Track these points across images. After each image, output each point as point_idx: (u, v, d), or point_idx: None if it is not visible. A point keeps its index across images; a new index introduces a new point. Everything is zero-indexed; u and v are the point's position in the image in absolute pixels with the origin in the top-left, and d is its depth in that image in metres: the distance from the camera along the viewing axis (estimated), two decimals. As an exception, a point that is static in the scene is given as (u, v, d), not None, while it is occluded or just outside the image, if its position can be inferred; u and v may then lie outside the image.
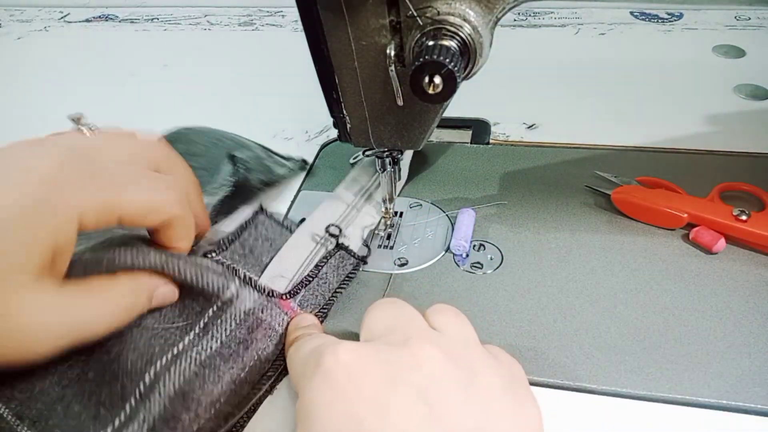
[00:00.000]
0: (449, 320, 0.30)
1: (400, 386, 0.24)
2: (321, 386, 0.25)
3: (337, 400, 0.24)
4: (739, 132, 0.52)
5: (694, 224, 0.41)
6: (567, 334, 0.36)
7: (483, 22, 0.29)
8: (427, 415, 0.23)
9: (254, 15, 0.86)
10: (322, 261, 0.39)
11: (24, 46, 0.83)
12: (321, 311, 0.37)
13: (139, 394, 0.28)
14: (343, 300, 0.39)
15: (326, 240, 0.40)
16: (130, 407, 0.28)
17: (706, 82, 0.60)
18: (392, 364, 0.25)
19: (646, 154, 0.50)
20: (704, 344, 0.34)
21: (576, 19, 0.76)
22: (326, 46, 0.33)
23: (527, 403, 0.27)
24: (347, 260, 0.40)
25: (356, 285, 0.40)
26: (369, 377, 0.25)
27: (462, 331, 0.30)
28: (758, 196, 0.43)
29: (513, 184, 0.48)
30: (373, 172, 0.47)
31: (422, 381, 0.25)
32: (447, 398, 0.24)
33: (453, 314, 0.31)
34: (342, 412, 0.24)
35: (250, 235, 0.40)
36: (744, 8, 0.74)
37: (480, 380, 0.26)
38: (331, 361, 0.25)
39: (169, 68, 0.73)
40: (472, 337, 0.30)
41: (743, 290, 0.37)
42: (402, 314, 0.30)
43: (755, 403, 0.31)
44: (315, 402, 0.24)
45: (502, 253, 0.42)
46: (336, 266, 0.39)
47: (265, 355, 0.34)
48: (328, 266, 0.39)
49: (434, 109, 0.35)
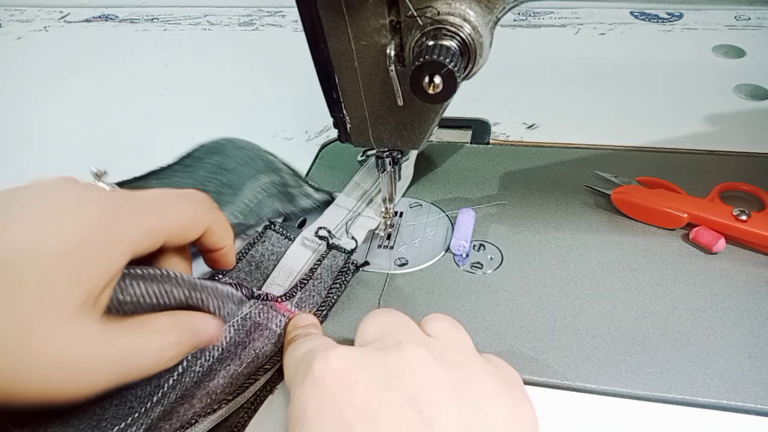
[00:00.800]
0: (444, 326, 0.30)
1: (390, 392, 0.24)
2: (311, 392, 0.25)
3: (327, 407, 0.24)
4: (739, 132, 0.52)
5: (694, 224, 0.41)
6: (567, 334, 0.36)
7: (483, 22, 0.29)
8: (417, 420, 0.23)
9: (254, 15, 0.86)
10: (316, 264, 0.40)
11: (24, 46, 0.83)
12: (319, 310, 0.38)
13: (144, 410, 0.29)
14: (343, 300, 0.39)
15: (319, 245, 0.41)
16: (132, 419, 0.28)
17: (706, 82, 0.60)
18: (382, 369, 0.25)
19: (646, 154, 0.50)
20: (704, 344, 0.34)
21: (576, 19, 0.76)
22: (326, 46, 0.33)
23: (522, 408, 0.26)
24: (339, 257, 0.40)
25: (356, 285, 0.40)
26: (359, 383, 0.24)
27: (456, 337, 0.29)
28: (758, 196, 0.43)
29: (513, 184, 0.48)
30: (376, 175, 0.47)
31: (413, 386, 0.24)
32: (438, 403, 0.24)
33: (448, 321, 0.30)
34: (331, 418, 0.23)
35: (257, 251, 0.42)
36: (744, 8, 0.74)
37: (473, 384, 0.26)
38: (322, 366, 0.25)
39: (169, 68, 0.73)
40: (467, 343, 0.29)
41: (743, 290, 0.37)
42: (396, 321, 0.30)
43: (755, 403, 0.31)
44: (305, 408, 0.24)
45: (502, 253, 0.42)
46: (330, 266, 0.40)
47: (263, 352, 0.34)
48: (322, 267, 0.40)
49: (434, 109, 0.35)
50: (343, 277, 0.39)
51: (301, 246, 0.42)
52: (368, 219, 0.44)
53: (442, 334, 0.29)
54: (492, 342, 0.36)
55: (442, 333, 0.29)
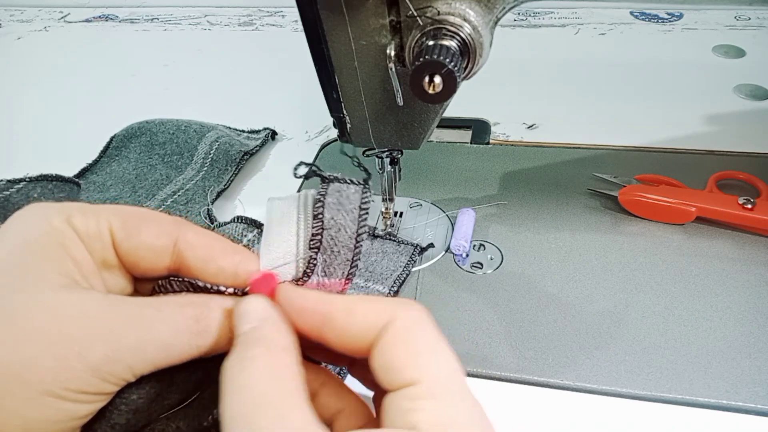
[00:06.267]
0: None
1: None
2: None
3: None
4: (739, 132, 0.52)
5: (702, 217, 0.41)
6: (567, 334, 0.36)
7: (483, 22, 0.29)
8: None
9: (254, 15, 0.86)
10: (317, 207, 0.26)
11: (24, 46, 0.83)
12: (353, 266, 0.27)
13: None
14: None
15: (306, 197, 0.27)
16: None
17: (706, 82, 0.60)
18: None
19: (646, 154, 0.50)
20: (704, 344, 0.34)
21: (576, 19, 0.76)
22: (326, 46, 0.33)
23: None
24: (347, 189, 0.27)
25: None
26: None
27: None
28: (753, 185, 0.44)
29: (513, 184, 0.48)
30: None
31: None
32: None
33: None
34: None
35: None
36: (744, 8, 0.74)
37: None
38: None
39: (169, 68, 0.73)
40: None
41: (743, 290, 0.37)
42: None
43: (755, 403, 0.31)
44: None
45: (502, 253, 0.42)
46: (338, 204, 0.26)
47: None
48: (327, 207, 0.26)
49: (434, 109, 0.35)
50: (366, 208, 0.26)
51: (282, 208, 0.28)
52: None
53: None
54: (492, 342, 0.36)
55: None
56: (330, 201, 0.26)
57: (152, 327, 0.21)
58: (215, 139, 0.52)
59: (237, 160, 0.52)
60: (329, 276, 0.26)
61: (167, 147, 0.52)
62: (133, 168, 0.52)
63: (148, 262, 0.24)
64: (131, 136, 0.54)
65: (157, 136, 0.53)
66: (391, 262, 0.41)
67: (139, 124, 0.55)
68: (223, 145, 0.52)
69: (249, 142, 0.55)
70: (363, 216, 0.26)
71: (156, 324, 0.21)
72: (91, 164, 0.53)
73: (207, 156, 0.51)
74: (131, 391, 0.22)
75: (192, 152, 0.51)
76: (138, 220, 0.24)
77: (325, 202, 0.26)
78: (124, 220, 0.23)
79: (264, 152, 0.56)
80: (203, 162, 0.51)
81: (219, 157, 0.51)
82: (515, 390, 0.33)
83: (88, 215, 0.23)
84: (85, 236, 0.23)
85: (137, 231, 0.23)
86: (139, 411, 0.23)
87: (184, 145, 0.52)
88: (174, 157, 0.52)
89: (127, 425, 0.23)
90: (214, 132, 0.53)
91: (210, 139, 0.52)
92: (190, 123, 0.54)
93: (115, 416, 0.22)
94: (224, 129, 0.56)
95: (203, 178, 0.50)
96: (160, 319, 0.22)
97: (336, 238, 0.26)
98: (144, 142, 0.53)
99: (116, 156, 0.54)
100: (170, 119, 0.55)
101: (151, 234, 0.24)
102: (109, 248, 0.23)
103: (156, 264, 0.24)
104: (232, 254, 0.24)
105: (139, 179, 0.50)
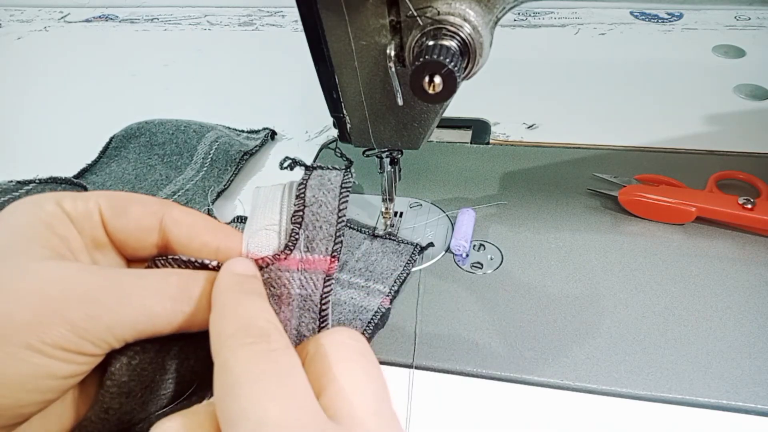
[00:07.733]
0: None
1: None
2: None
3: None
4: (738, 132, 0.52)
5: (702, 217, 0.41)
6: (567, 334, 0.36)
7: (483, 22, 0.29)
8: None
9: (254, 15, 0.86)
10: (299, 189, 0.28)
11: (24, 46, 0.83)
12: (336, 242, 0.27)
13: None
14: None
15: (291, 185, 0.29)
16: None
17: (706, 82, 0.60)
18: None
19: (646, 154, 0.50)
20: (704, 344, 0.34)
21: (576, 19, 0.76)
22: (326, 46, 0.33)
23: None
24: (329, 173, 0.28)
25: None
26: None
27: None
28: (753, 184, 0.44)
29: (513, 184, 0.48)
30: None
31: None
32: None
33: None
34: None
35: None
36: (744, 8, 0.74)
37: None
38: None
39: (169, 68, 0.73)
40: None
41: (744, 291, 0.37)
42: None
43: (755, 403, 0.31)
44: None
45: (502, 253, 0.42)
46: (319, 185, 0.28)
47: (309, 328, 0.26)
48: (309, 188, 0.28)
49: (434, 109, 0.35)
50: (348, 191, 0.28)
51: (265, 190, 0.29)
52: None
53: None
54: (492, 342, 0.36)
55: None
56: (312, 183, 0.28)
57: (133, 291, 0.22)
58: (215, 139, 0.52)
59: (237, 160, 0.52)
60: (312, 252, 0.26)
61: (167, 147, 0.52)
62: (133, 168, 0.52)
63: (136, 239, 0.25)
64: (130, 137, 0.54)
65: (157, 136, 0.53)
66: (391, 262, 0.41)
67: (138, 125, 0.55)
68: (222, 145, 0.52)
69: (249, 142, 0.55)
70: (344, 194, 0.28)
71: (137, 289, 0.22)
72: (90, 165, 0.53)
73: (207, 156, 0.51)
74: (121, 373, 0.23)
75: (191, 152, 0.51)
76: (126, 201, 0.25)
77: (307, 184, 0.28)
78: (113, 201, 0.25)
79: (264, 152, 0.56)
80: (203, 162, 0.51)
81: (219, 157, 0.51)
82: (515, 390, 0.33)
83: (78, 199, 0.24)
84: (74, 217, 0.24)
85: (125, 210, 0.25)
86: (132, 395, 0.23)
87: (184, 146, 0.52)
88: (173, 158, 0.52)
89: (122, 411, 0.23)
90: (214, 132, 0.53)
91: (210, 139, 0.52)
92: (190, 123, 0.54)
93: (107, 399, 0.22)
94: (224, 129, 0.56)
95: (203, 178, 0.50)
96: (141, 285, 0.22)
97: (318, 214, 0.27)
98: (143, 142, 0.53)
99: (115, 156, 0.54)
100: (170, 119, 0.55)
101: (138, 212, 0.25)
102: (98, 227, 0.24)
103: (144, 242, 0.25)
104: (214, 231, 0.26)
105: (139, 180, 0.50)
